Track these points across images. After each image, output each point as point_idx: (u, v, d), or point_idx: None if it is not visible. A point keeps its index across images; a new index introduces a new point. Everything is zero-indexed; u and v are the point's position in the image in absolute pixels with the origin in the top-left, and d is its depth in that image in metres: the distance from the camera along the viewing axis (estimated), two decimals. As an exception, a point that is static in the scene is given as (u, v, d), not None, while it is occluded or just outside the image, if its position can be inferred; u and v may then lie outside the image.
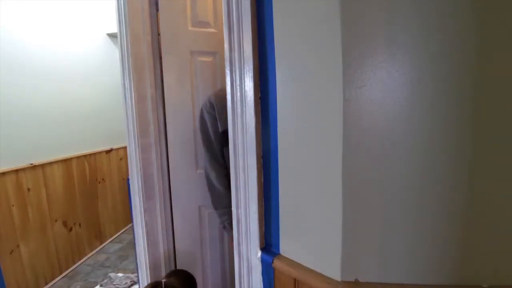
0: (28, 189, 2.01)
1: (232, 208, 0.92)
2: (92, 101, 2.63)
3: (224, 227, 1.29)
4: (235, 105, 0.85)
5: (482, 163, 0.57)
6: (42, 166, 2.12)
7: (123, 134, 1.37)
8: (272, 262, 0.80)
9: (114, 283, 2.11)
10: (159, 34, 1.34)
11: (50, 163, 2.19)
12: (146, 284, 1.40)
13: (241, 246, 0.92)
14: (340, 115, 0.61)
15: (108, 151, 2.83)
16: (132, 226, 1.46)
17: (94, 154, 2.66)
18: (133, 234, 1.46)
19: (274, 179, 0.80)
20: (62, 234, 2.29)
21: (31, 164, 2.03)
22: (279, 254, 0.81)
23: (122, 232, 3.01)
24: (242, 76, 0.82)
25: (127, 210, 2.94)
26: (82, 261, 2.47)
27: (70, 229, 2.38)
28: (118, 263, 2.43)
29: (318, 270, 0.71)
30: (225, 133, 1.18)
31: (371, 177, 0.62)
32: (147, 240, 1.38)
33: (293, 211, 0.76)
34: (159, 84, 1.36)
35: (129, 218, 2.99)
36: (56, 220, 2.24)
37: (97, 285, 2.12)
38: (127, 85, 1.30)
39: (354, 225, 0.64)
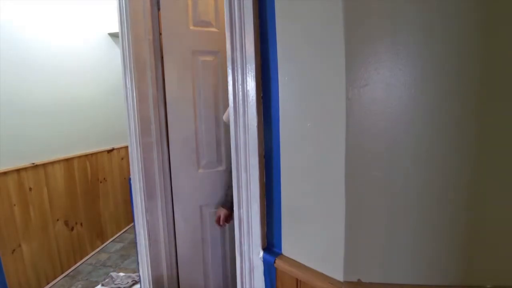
0: (30, 189, 2.01)
1: (234, 208, 0.92)
2: (93, 100, 2.63)
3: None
4: (237, 105, 0.85)
5: (487, 162, 0.57)
6: (44, 165, 2.12)
7: (124, 133, 1.37)
8: (274, 262, 0.79)
9: (115, 282, 2.11)
10: (160, 34, 1.34)
11: (52, 163, 2.20)
12: (147, 283, 1.40)
13: (243, 246, 0.91)
14: (343, 114, 0.61)
15: (109, 151, 2.83)
16: (134, 225, 1.46)
17: (96, 153, 2.66)
18: (135, 233, 1.46)
19: (276, 179, 0.79)
20: (63, 233, 2.30)
21: (33, 163, 2.03)
22: (281, 254, 0.81)
23: (124, 232, 3.01)
24: (244, 75, 0.81)
25: (129, 210, 2.94)
26: (83, 260, 2.47)
27: (72, 229, 2.38)
28: (120, 263, 2.44)
29: (321, 270, 0.71)
30: None
31: (374, 176, 0.62)
32: (149, 239, 1.39)
33: (295, 211, 0.76)
34: (160, 84, 1.36)
35: (130, 218, 2.99)
36: (57, 220, 2.24)
37: (98, 284, 2.12)
38: (128, 85, 1.30)
39: (357, 225, 0.64)
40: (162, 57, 1.34)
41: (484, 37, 0.54)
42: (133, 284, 2.11)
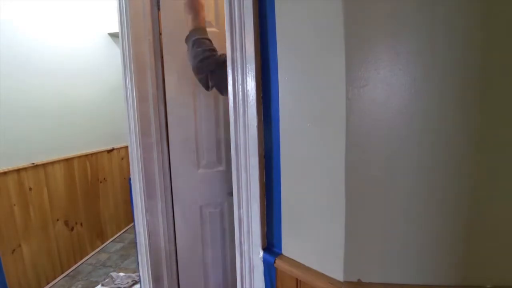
0: (30, 189, 2.01)
1: (234, 208, 0.92)
2: (93, 100, 2.63)
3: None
4: (237, 105, 0.85)
5: (488, 162, 0.57)
6: (44, 165, 2.13)
7: (124, 133, 1.37)
8: (274, 262, 0.79)
9: (115, 282, 2.11)
10: (160, 34, 1.34)
11: (52, 163, 2.20)
12: (147, 283, 1.40)
13: (243, 246, 0.91)
14: (343, 115, 0.61)
15: (109, 151, 2.83)
16: (134, 225, 1.46)
17: (96, 153, 2.66)
18: (135, 233, 1.46)
19: (276, 179, 0.79)
20: (63, 233, 2.30)
21: (33, 163, 2.03)
22: (281, 254, 0.81)
23: (124, 232, 3.02)
24: (244, 75, 0.81)
25: (129, 210, 2.94)
26: (83, 260, 2.47)
27: (72, 229, 2.38)
28: (120, 263, 2.44)
29: (321, 270, 0.71)
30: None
31: (374, 177, 0.62)
32: (149, 239, 1.38)
33: (295, 211, 0.76)
34: (160, 84, 1.36)
35: (130, 218, 2.99)
36: (57, 220, 2.24)
37: (98, 284, 2.12)
38: (128, 85, 1.29)
39: (357, 225, 0.64)
40: (162, 57, 1.34)
41: (486, 36, 0.54)
42: (133, 284, 2.11)
